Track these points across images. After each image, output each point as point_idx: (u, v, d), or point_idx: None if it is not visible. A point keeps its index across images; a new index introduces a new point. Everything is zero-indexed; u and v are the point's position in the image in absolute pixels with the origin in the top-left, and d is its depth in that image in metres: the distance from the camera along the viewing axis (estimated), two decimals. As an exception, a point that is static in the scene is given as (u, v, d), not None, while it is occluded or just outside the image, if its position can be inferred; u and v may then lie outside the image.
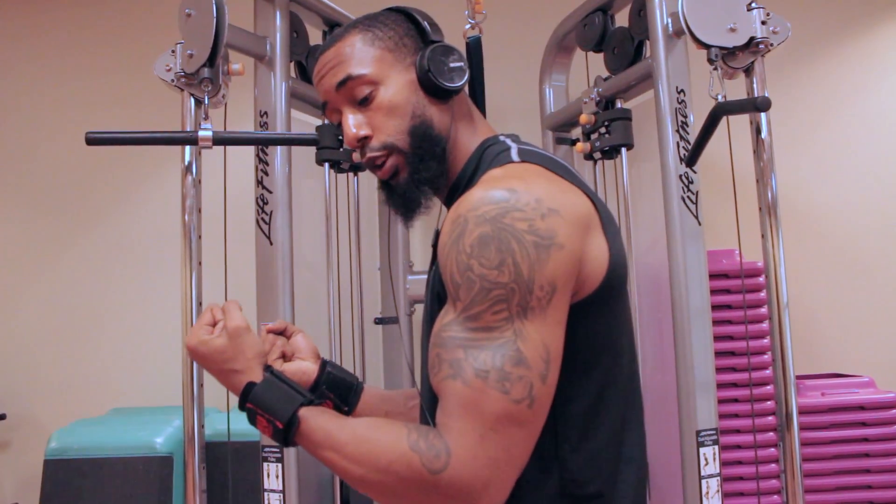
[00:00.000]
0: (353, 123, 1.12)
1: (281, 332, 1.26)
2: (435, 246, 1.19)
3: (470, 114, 1.19)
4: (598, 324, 1.02)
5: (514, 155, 1.07)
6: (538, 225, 0.94)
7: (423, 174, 1.12)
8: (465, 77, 1.13)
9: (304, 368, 1.22)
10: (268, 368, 1.10)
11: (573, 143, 2.63)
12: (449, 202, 1.18)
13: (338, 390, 1.24)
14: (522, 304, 0.92)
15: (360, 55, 1.12)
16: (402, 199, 1.15)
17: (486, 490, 0.91)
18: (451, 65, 1.13)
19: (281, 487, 2.04)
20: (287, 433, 1.01)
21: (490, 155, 1.11)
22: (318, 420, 1.01)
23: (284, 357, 1.23)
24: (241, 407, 1.07)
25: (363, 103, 1.12)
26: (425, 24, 1.16)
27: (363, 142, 1.13)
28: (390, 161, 1.12)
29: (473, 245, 0.93)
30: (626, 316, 1.09)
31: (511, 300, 0.92)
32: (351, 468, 0.96)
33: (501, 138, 1.15)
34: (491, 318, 0.92)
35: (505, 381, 0.90)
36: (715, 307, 2.31)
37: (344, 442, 0.97)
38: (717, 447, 1.98)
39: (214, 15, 1.88)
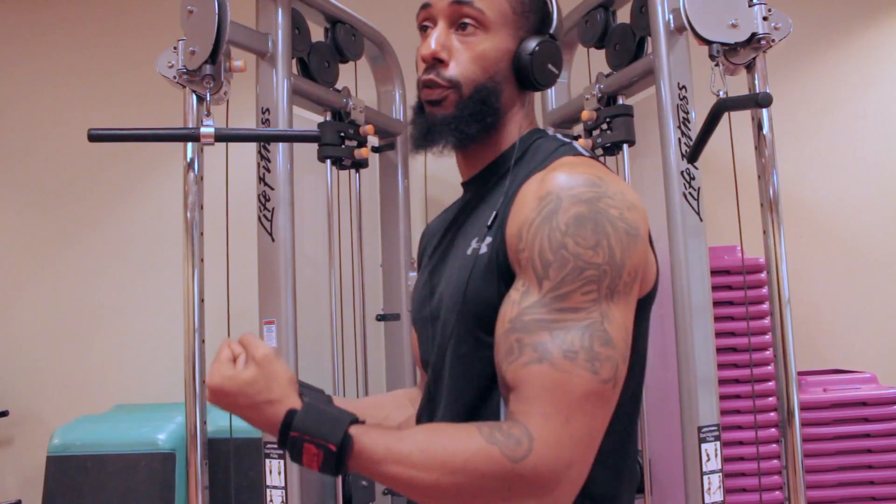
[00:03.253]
0: (440, 42, 1.10)
1: None
2: (445, 231, 1.19)
3: (531, 105, 1.19)
4: (641, 325, 1.04)
5: (581, 150, 1.08)
6: (627, 215, 0.95)
7: (463, 127, 1.10)
8: (554, 83, 1.15)
9: None
10: (302, 394, 1.01)
11: (575, 139, 2.63)
12: (483, 179, 1.16)
13: None
14: (611, 287, 0.92)
15: None
16: (427, 129, 1.12)
17: (568, 471, 0.89)
18: (550, 67, 1.13)
19: (283, 484, 2.04)
20: (341, 455, 0.91)
21: (545, 146, 1.11)
22: (372, 436, 0.93)
23: None
24: (283, 440, 0.95)
25: (459, 30, 1.10)
26: (556, 14, 1.15)
27: (435, 63, 1.10)
28: (445, 91, 1.10)
29: (569, 223, 0.93)
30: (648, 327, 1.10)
31: (602, 282, 0.92)
32: (420, 476, 0.90)
33: (550, 132, 1.16)
34: (580, 299, 0.92)
35: (594, 361, 0.90)
36: (717, 303, 2.31)
37: (408, 451, 0.91)
38: (718, 443, 1.98)
39: (216, 12, 1.89)
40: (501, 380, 0.95)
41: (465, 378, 1.03)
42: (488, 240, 1.04)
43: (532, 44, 1.10)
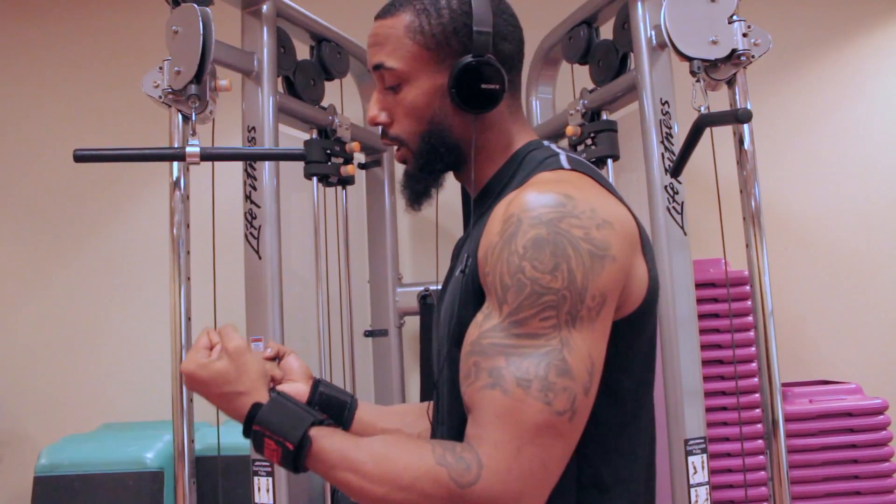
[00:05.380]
0: (376, 107, 1.13)
1: (273, 358, 1.22)
2: (457, 254, 1.17)
3: (512, 115, 1.14)
4: (635, 344, 1.01)
5: (564, 162, 1.04)
6: (594, 234, 0.91)
7: (421, 185, 1.14)
8: (499, 99, 1.07)
9: (295, 390, 1.18)
10: (272, 389, 1.05)
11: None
12: (480, 202, 1.14)
13: (331, 410, 1.19)
14: (572, 313, 0.89)
15: (399, 44, 1.08)
16: (408, 186, 1.16)
17: None
18: (484, 86, 1.06)
19: (271, 501, 2.04)
20: (298, 455, 0.94)
21: (534, 158, 1.08)
22: (331, 440, 0.95)
23: (274, 381, 1.18)
24: (247, 431, 1.00)
25: (391, 89, 1.11)
26: (480, 30, 1.06)
27: (381, 126, 1.14)
28: (401, 151, 1.14)
29: (527, 247, 0.90)
30: (655, 339, 1.07)
31: (561, 307, 0.88)
32: (370, 488, 0.90)
33: (546, 143, 1.12)
34: (538, 325, 0.88)
35: (548, 392, 0.86)
36: (702, 316, 2.32)
37: (362, 461, 0.91)
38: (705, 456, 1.99)
39: (201, 32, 1.89)
40: (463, 400, 0.93)
41: (455, 401, 1.01)
42: (469, 261, 1.03)
43: (453, 73, 1.06)
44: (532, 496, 0.87)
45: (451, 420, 1.04)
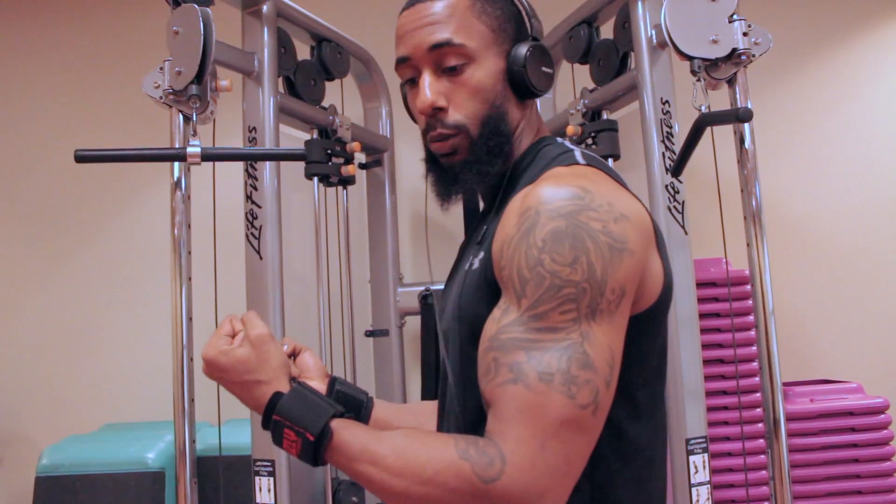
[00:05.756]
0: (433, 90, 1.07)
1: (289, 355, 1.19)
2: (464, 249, 1.16)
3: (535, 113, 1.16)
4: (650, 341, 1.00)
5: (579, 157, 1.04)
6: (612, 228, 0.91)
7: (484, 167, 1.08)
8: (552, 84, 1.11)
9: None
10: (293, 380, 1.03)
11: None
12: (489, 195, 1.14)
13: (347, 408, 1.14)
14: (592, 306, 0.88)
15: (465, 23, 1.06)
16: (450, 180, 1.11)
17: (541, 501, 0.85)
18: (544, 69, 1.09)
19: (273, 501, 2.04)
20: (318, 446, 0.93)
21: (549, 153, 1.08)
22: (352, 432, 0.94)
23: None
24: (266, 422, 0.98)
25: (448, 72, 1.07)
26: (530, 15, 1.12)
27: (436, 112, 1.07)
28: (455, 140, 1.07)
29: (546, 239, 0.89)
30: (667, 338, 1.06)
31: (581, 300, 0.87)
32: (392, 482, 0.89)
33: (560, 140, 1.12)
34: (558, 318, 0.87)
35: (571, 385, 0.85)
36: (703, 315, 2.32)
37: (383, 454, 0.90)
38: (706, 455, 1.99)
39: (202, 32, 1.89)
40: (482, 396, 0.92)
41: (464, 396, 1.01)
42: (480, 255, 1.02)
43: (520, 54, 1.07)
44: (555, 491, 0.86)
45: (459, 417, 1.03)
